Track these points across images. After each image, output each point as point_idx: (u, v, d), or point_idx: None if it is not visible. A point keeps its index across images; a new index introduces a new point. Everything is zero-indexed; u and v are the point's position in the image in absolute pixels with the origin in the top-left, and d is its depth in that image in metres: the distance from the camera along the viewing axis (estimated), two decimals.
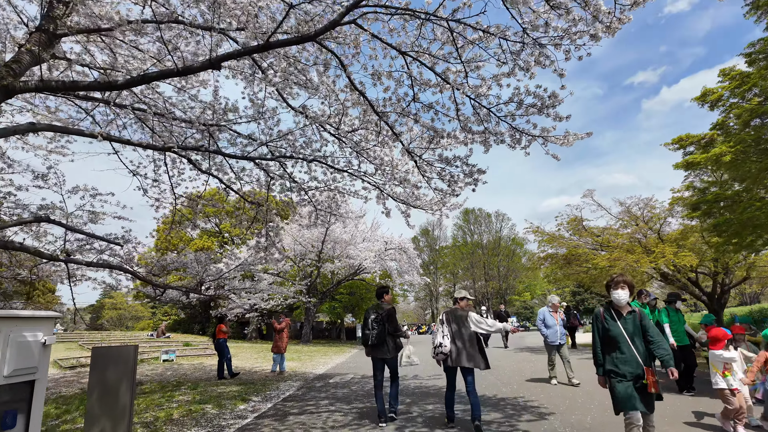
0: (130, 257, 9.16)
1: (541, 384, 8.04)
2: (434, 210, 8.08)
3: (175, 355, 14.68)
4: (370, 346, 5.88)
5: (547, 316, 8.29)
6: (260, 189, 9.46)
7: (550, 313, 8.34)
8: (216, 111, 7.47)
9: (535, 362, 11.35)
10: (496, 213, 56.17)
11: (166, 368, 13.06)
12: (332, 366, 13.27)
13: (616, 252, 11.03)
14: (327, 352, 18.61)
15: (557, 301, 8.53)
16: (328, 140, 8.04)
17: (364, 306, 30.63)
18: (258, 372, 12.15)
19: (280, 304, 23.99)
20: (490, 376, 9.20)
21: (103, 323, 66.16)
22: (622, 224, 12.72)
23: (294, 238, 22.92)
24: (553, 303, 8.47)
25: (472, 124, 5.93)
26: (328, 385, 9.31)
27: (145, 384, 10.02)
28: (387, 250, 22.24)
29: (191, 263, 9.99)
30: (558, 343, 8.07)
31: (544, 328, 8.20)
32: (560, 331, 8.13)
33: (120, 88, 5.33)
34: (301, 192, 9.37)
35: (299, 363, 14.11)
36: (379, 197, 8.91)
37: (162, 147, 6.58)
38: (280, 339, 11.44)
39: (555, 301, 8.53)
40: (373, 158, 7.63)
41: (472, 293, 51.66)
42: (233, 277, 10.73)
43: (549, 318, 8.25)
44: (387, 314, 5.90)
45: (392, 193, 8.40)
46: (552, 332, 8.12)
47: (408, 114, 6.06)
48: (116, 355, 4.61)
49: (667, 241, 12.20)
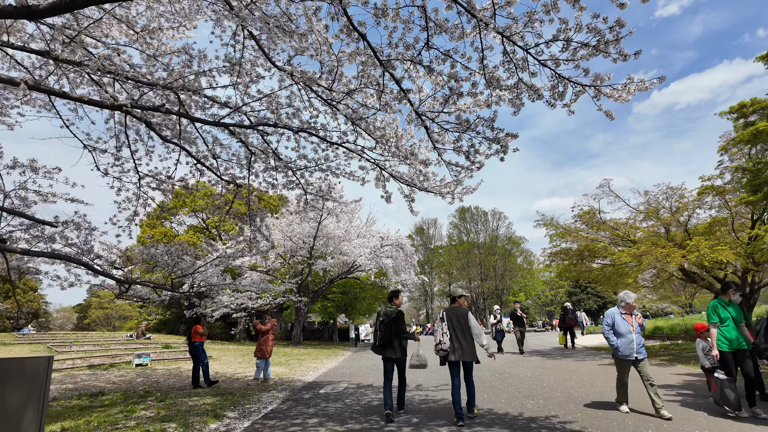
0: (88, 247, 7.80)
1: (577, 396, 6.81)
2: (445, 193, 6.83)
3: (149, 359, 13.30)
4: (378, 347, 6.17)
5: (619, 321, 5.95)
6: (241, 171, 8.17)
7: (623, 317, 5.97)
8: (183, 73, 6.18)
9: (552, 369, 10.15)
10: (492, 211, 55.14)
11: (137, 374, 11.69)
12: (323, 372, 11.97)
13: (644, 246, 9.87)
14: (318, 356, 17.30)
15: (633, 300, 6.07)
16: (319, 110, 6.77)
17: (357, 306, 29.32)
18: (240, 379, 10.82)
19: (269, 303, 22.65)
20: (510, 387, 7.97)
21: (90, 323, 64.28)
22: (645, 215, 11.54)
23: (284, 233, 21.57)
24: (627, 302, 6.05)
25: (500, 76, 4.70)
26: (317, 396, 8.02)
27: (106, 395, 8.67)
28: (383, 247, 20.97)
29: (161, 256, 8.65)
30: (634, 357, 5.78)
31: (613, 336, 5.92)
32: (638, 342, 5.82)
33: (42, 15, 4.01)
34: (288, 172, 8.09)
35: (287, 368, 12.79)
36: (378, 178, 7.64)
37: (111, 105, 5.25)
38: (265, 342, 10.13)
39: (630, 299, 6.07)
40: (373, 130, 6.37)
41: (468, 293, 50.56)
42: (208, 272, 9.43)
43: (621, 323, 5.92)
44: (393, 317, 6.13)
45: (395, 173, 7.14)
46: (625, 343, 5.82)
47: (420, 62, 4.80)
48: (18, 371, 3.31)
49: (694, 235, 11.07)
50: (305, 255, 22.46)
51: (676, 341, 14.63)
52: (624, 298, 6.09)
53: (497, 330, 15.06)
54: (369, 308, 30.99)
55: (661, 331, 15.77)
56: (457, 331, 5.82)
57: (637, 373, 5.87)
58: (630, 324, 5.93)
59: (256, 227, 8.67)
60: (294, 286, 22.78)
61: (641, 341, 5.89)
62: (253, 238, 8.89)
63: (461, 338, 5.75)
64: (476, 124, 5.15)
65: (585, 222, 12.78)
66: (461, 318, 5.91)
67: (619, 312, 6.04)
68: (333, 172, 8.07)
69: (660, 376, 8.49)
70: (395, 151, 6.30)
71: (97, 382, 10.44)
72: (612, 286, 14.66)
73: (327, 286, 24.12)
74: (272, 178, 8.25)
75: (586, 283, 67.04)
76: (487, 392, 7.46)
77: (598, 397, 6.74)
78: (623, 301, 6.07)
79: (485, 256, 51.91)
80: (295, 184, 8.40)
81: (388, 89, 5.56)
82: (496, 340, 15.02)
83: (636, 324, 5.96)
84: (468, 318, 5.94)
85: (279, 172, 8.09)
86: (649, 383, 5.67)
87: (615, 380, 6.17)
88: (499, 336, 14.98)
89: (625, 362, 5.87)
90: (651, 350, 13.13)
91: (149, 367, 13.06)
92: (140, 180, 7.84)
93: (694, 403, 6.30)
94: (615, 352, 5.93)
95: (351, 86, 5.79)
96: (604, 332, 6.06)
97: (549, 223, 12.66)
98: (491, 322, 15.53)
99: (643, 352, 5.79)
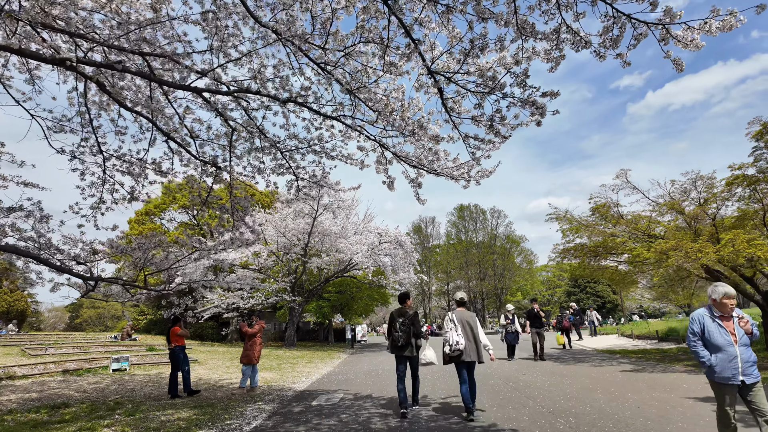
0: (45, 240, 6.77)
1: (613, 413, 5.84)
2: (458, 176, 5.85)
3: (128, 363, 12.26)
4: (399, 347, 6.38)
5: (711, 327, 3.92)
6: (223, 153, 7.17)
7: (717, 321, 3.91)
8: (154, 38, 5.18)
9: (570, 376, 9.23)
10: (491, 210, 54.24)
11: (113, 381, 10.67)
12: (317, 378, 10.98)
13: (672, 240, 8.92)
14: (312, 359, 16.30)
15: (722, 296, 3.90)
16: (311, 79, 5.79)
17: (354, 306, 28.33)
18: (225, 387, 9.82)
19: (262, 303, 21.63)
20: (530, 400, 7.01)
21: (82, 323, 62.96)
22: (668, 208, 10.57)
23: (277, 229, 20.55)
24: (722, 299, 3.90)
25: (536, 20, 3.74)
26: (309, 410, 7.04)
27: (70, 406, 7.66)
28: (381, 244, 19.98)
29: (132, 249, 7.63)
30: (740, 381, 3.76)
31: (702, 349, 3.93)
32: (745, 358, 3.78)
33: None
34: (277, 154, 7.10)
35: (277, 374, 11.80)
36: (379, 161, 6.66)
37: (51, 58, 4.24)
38: (252, 347, 9.14)
39: (720, 294, 3.91)
40: (376, 101, 5.39)
41: (467, 293, 49.74)
42: (188, 268, 8.43)
43: (715, 330, 3.89)
44: (412, 318, 6.49)
45: (399, 153, 6.16)
46: (723, 360, 3.80)
47: (437, 1, 3.82)
48: None
49: (721, 229, 10.16)
50: (299, 252, 21.45)
51: None
52: (715, 291, 3.94)
53: (509, 331, 12.98)
54: (366, 308, 30.00)
55: (677, 332, 14.91)
56: (467, 333, 6.17)
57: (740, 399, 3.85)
58: (730, 332, 3.85)
59: (239, 217, 7.67)
60: (288, 284, 21.77)
61: (750, 357, 3.81)
62: (236, 229, 7.89)
63: (470, 340, 6.14)
64: (502, 85, 4.16)
65: (602, 215, 11.82)
66: (471, 321, 6.31)
67: (710, 314, 3.97)
68: (328, 154, 7.10)
69: (691, 386, 7.55)
70: (400, 125, 5.32)
71: (67, 390, 9.42)
72: (626, 285, 13.76)
73: (322, 285, 23.11)
74: (258, 161, 7.26)
75: (585, 283, 66.32)
76: (505, 406, 6.50)
77: (637, 413, 5.78)
78: (717, 295, 3.92)
79: (484, 255, 51.01)
80: (285, 168, 7.41)
81: (394, 46, 4.59)
82: (507, 343, 13.11)
83: (740, 332, 3.85)
84: (476, 322, 6.37)
85: (266, 153, 7.10)
86: (765, 419, 3.67)
87: (647, 391, 5.18)
88: (510, 338, 12.97)
89: (724, 388, 3.81)
90: (668, 353, 12.25)
91: (128, 372, 12.03)
92: (105, 162, 6.82)
93: None
94: (709, 374, 3.93)
95: (348, 42, 4.81)
96: (688, 344, 4.10)
97: (563, 217, 11.72)
98: (502, 323, 13.47)
99: (754, 374, 3.77)
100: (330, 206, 20.64)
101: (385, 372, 11.41)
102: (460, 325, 6.19)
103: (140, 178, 7.27)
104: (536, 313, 12.94)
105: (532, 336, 12.80)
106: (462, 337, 6.05)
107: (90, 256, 7.24)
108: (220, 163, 6.68)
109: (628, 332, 18.79)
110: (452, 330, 6.13)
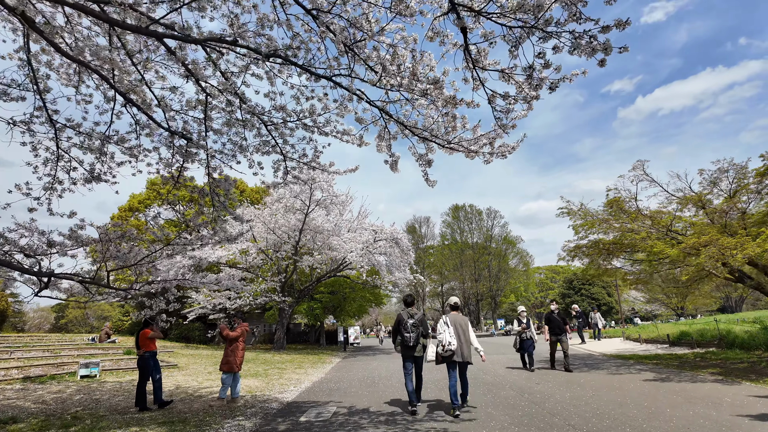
0: None
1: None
2: (479, 147, 4.88)
3: (98, 369, 11.13)
4: (410, 347, 6.70)
5: None
6: (199, 126, 6.15)
7: None
8: None
9: (590, 387, 8.30)
10: (488, 210, 53.40)
11: (79, 389, 9.57)
12: (307, 387, 9.95)
13: (705, 235, 8.01)
14: (302, 363, 15.24)
15: None
16: (300, 34, 4.80)
17: (347, 307, 27.26)
18: (202, 397, 8.76)
19: (249, 303, 20.54)
20: (555, 417, 6.05)
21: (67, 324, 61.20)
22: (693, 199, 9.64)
23: (266, 225, 19.47)
24: None
25: None
26: (297, 427, 6.02)
27: (19, 422, 6.59)
28: (376, 242, 18.97)
29: (94, 242, 6.56)
30: None
31: None
32: None
33: None
34: (262, 128, 6.10)
35: (263, 381, 10.74)
36: (381, 136, 5.69)
37: None
38: (233, 352, 8.09)
39: None
40: (380, 58, 4.41)
41: (461, 295, 48.88)
42: (162, 264, 7.40)
43: None
44: (421, 319, 6.88)
45: (407, 122, 5.18)
46: None
47: None
48: None
49: (749, 225, 9.31)
50: (290, 250, 20.37)
51: (708, 348, 12.92)
52: None
53: (523, 338, 10.71)
54: (359, 309, 28.96)
55: (690, 336, 14.07)
56: (460, 335, 6.63)
57: None
58: None
59: (220, 203, 6.64)
60: (277, 284, 20.68)
61: None
62: (217, 218, 6.86)
63: (462, 341, 6.59)
64: (548, 21, 3.19)
65: (620, 208, 10.90)
66: (463, 325, 6.78)
67: None
68: (320, 129, 6.09)
69: (735, 400, 6.65)
70: (409, 83, 4.34)
71: (23, 401, 8.31)
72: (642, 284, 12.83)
73: (314, 285, 22.04)
74: (240, 137, 6.25)
75: (580, 285, 65.82)
76: (528, 425, 5.52)
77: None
78: None
79: (479, 256, 50.15)
80: (270, 146, 6.41)
81: None
82: (522, 353, 10.87)
83: None
84: (468, 325, 6.85)
85: (248, 128, 6.08)
86: None
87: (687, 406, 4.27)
88: (527, 345, 10.69)
89: None
90: (685, 359, 11.38)
91: (97, 378, 10.91)
92: (57, 134, 5.77)
93: None
94: None
95: None
96: None
97: (577, 211, 10.76)
98: (515, 328, 10.96)
99: None
100: (323, 202, 19.61)
101: (382, 380, 10.40)
102: (453, 327, 6.69)
103: (102, 155, 6.21)
104: (556, 316, 10.61)
105: (551, 345, 10.68)
106: (454, 339, 6.55)
107: (44, 247, 6.17)
108: (193, 138, 5.64)
109: (635, 336, 17.94)
110: (446, 332, 6.64)
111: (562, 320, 10.59)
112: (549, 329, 10.66)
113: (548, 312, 10.96)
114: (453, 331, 6.59)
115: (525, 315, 11.05)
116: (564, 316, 10.66)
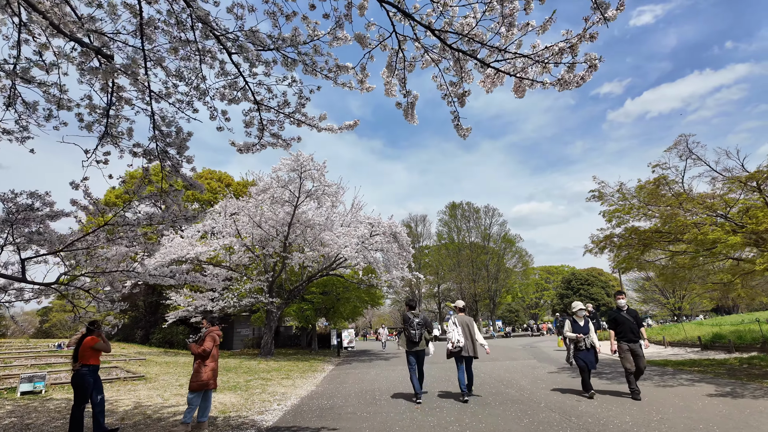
0: None
1: None
2: (547, 63, 3.26)
3: (44, 383, 9.35)
4: (415, 343, 7.74)
5: None
6: (135, 53, 4.46)
7: None
8: None
9: (650, 405, 6.72)
10: (485, 208, 51.89)
11: (14, 409, 7.82)
12: (294, 404, 8.23)
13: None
14: (291, 372, 13.49)
15: None
16: None
17: (340, 308, 25.52)
18: (163, 419, 7.03)
19: (234, 305, 18.78)
20: None
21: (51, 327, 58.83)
22: (754, 177, 8.06)
23: (251, 218, 17.72)
24: None
25: None
26: None
27: None
28: (373, 236, 17.29)
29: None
30: None
31: None
32: None
33: None
34: (224, 63, 4.43)
35: (242, 396, 9.01)
36: (392, 66, 4.07)
37: None
38: (203, 367, 6.33)
39: None
40: None
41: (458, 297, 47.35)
42: (100, 254, 5.71)
43: None
44: (425, 319, 7.91)
45: (433, 27, 3.54)
46: None
47: None
48: None
49: None
50: (278, 247, 18.63)
51: (749, 353, 11.41)
52: None
53: (580, 348, 7.56)
54: (353, 311, 27.23)
55: (724, 339, 12.59)
56: (466, 334, 7.62)
57: None
58: None
59: (171, 166, 4.94)
60: (264, 284, 18.93)
61: None
62: (168, 189, 5.16)
63: (468, 339, 7.60)
64: None
65: (647, 197, 9.36)
66: (469, 324, 7.75)
67: None
68: (306, 64, 4.44)
69: None
70: None
71: None
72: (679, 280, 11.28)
73: (304, 284, 20.29)
74: (195, 74, 4.56)
75: (578, 285, 64.72)
76: None
77: None
78: None
79: (477, 255, 48.60)
80: (239, 89, 4.73)
81: None
82: (582, 366, 7.45)
83: None
84: (473, 324, 7.81)
85: (204, 61, 4.40)
86: None
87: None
88: (586, 357, 7.48)
89: None
90: (731, 366, 9.85)
91: (42, 395, 9.12)
92: (15, 90, 4.04)
93: None
94: None
95: None
96: None
97: (612, 194, 9.13)
98: (568, 334, 7.79)
99: None
100: (314, 193, 17.91)
101: (384, 395, 8.70)
102: (461, 326, 7.65)
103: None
104: (626, 315, 7.44)
105: (622, 356, 7.30)
106: (462, 337, 7.51)
107: None
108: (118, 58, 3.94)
109: (659, 338, 16.42)
110: (454, 331, 7.59)
111: (636, 321, 7.39)
112: (617, 334, 7.45)
113: (613, 309, 7.68)
114: (461, 331, 7.57)
115: (584, 314, 7.87)
116: (637, 315, 7.52)
